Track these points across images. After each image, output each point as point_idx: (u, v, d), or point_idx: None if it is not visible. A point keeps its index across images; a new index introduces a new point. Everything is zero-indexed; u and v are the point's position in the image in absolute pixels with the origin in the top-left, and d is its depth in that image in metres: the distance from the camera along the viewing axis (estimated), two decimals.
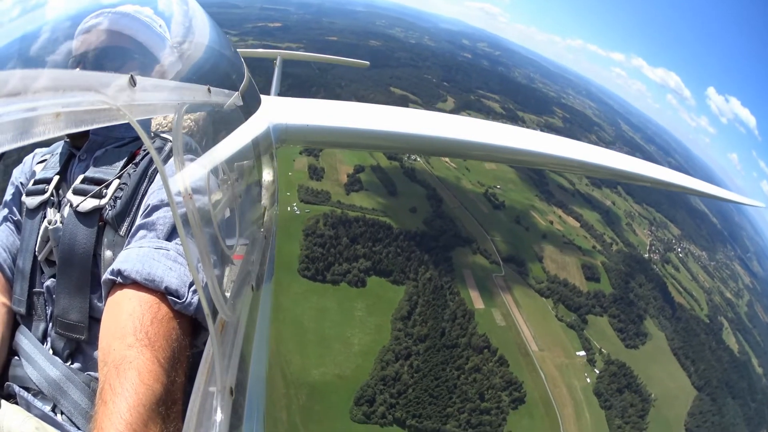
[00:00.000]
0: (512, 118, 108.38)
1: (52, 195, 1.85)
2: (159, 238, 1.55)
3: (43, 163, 2.03)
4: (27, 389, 1.61)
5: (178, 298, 1.40)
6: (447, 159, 75.30)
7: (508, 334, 48.74)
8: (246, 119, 2.70)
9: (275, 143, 4.75)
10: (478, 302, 49.93)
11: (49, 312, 1.75)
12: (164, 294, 1.41)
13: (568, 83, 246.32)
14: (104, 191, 1.71)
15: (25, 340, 1.72)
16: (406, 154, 70.22)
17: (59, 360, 1.64)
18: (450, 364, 42.10)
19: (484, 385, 41.78)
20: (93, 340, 1.63)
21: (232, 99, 2.27)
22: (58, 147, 2.06)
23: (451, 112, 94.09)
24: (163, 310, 1.39)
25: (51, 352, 1.68)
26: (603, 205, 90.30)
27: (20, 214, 1.95)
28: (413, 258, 48.61)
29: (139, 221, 1.65)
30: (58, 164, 1.95)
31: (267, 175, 3.51)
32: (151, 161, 1.78)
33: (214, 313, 1.33)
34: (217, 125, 2.01)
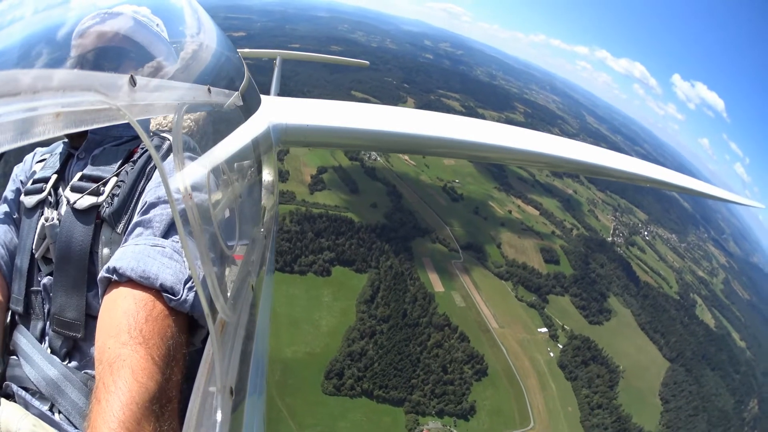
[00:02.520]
0: (472, 115, 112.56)
1: (49, 194, 1.91)
2: (155, 236, 1.59)
3: (43, 163, 2.10)
4: (25, 389, 1.68)
5: (174, 295, 1.43)
6: (406, 157, 79.84)
7: (468, 314, 52.80)
8: (246, 119, 2.79)
9: (275, 143, 4.97)
10: (438, 285, 54.05)
11: (46, 310, 1.81)
12: (159, 291, 1.44)
13: (532, 79, 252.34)
14: (102, 189, 1.77)
15: (23, 339, 1.79)
16: (369, 154, 74.04)
17: (57, 359, 1.72)
18: (413, 340, 46.19)
19: (446, 359, 45.93)
20: (90, 338, 1.69)
21: (232, 99, 2.36)
22: (58, 146, 2.17)
23: None
24: (158, 307, 1.42)
25: (49, 350, 1.75)
26: (564, 193, 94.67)
27: (18, 212, 2.02)
28: (374, 248, 52.66)
29: (136, 219, 1.69)
30: (57, 164, 2.03)
31: (267, 175, 3.59)
32: (148, 159, 1.85)
33: (214, 312, 1.37)
34: (217, 125, 2.05)
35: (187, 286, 1.46)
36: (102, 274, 1.50)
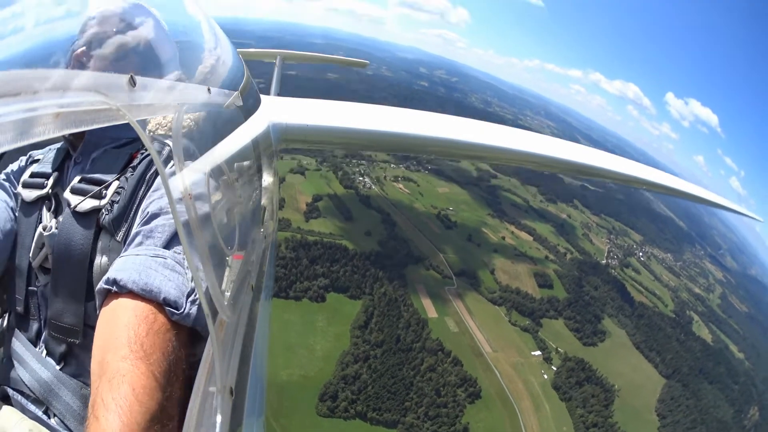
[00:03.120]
0: None
1: (49, 197, 1.92)
2: (156, 246, 1.58)
3: (38, 163, 2.09)
4: (20, 392, 1.70)
5: (176, 309, 1.43)
6: (401, 185, 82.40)
7: (462, 339, 54.00)
8: (246, 119, 2.80)
9: (275, 143, 4.98)
10: (431, 311, 55.36)
11: (43, 314, 1.80)
12: (161, 305, 1.43)
13: (527, 104, 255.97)
14: (104, 192, 1.76)
15: (18, 342, 1.80)
16: (364, 182, 77.39)
17: (51, 363, 1.72)
18: (406, 365, 47.31)
19: (440, 383, 47.03)
20: (87, 347, 1.62)
21: (231, 99, 2.38)
22: (54, 145, 2.17)
23: None
24: (159, 320, 1.41)
25: (44, 353, 1.76)
26: (558, 218, 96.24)
27: (16, 202, 2.00)
28: (368, 275, 54.03)
29: (136, 228, 1.68)
30: (54, 161, 2.04)
31: (267, 175, 3.55)
32: (149, 165, 1.84)
33: (214, 312, 1.37)
34: (217, 125, 2.04)
35: (190, 299, 1.47)
36: (101, 285, 1.49)
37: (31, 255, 1.82)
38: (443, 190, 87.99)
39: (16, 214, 1.97)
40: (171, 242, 1.60)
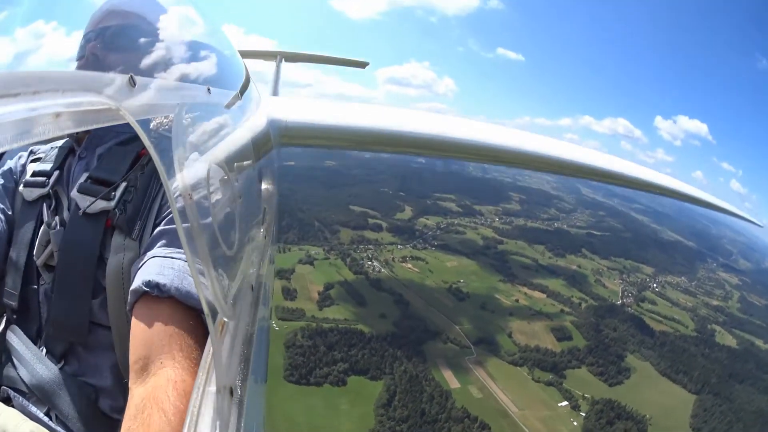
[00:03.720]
0: (470, 214, 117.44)
1: (50, 193, 1.96)
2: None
3: (38, 162, 2.12)
4: (20, 392, 1.73)
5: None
6: (410, 265, 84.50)
7: (487, 403, 54.76)
8: (246, 119, 2.92)
9: (275, 143, 5.11)
10: (453, 382, 56.36)
11: (44, 313, 1.84)
12: (198, 312, 1.52)
13: None
14: (113, 193, 1.79)
15: (17, 340, 1.82)
16: (373, 266, 79.75)
17: (52, 362, 1.75)
18: None
19: None
20: (92, 346, 1.77)
21: (231, 99, 2.51)
22: (56, 142, 2.21)
23: (409, 220, 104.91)
24: (200, 328, 1.51)
25: (45, 352, 1.79)
26: (568, 270, 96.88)
27: (11, 203, 2.04)
28: (387, 356, 55.79)
29: (162, 227, 1.75)
30: (56, 159, 2.07)
31: (267, 174, 3.65)
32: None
33: (214, 312, 1.37)
34: (217, 125, 2.08)
35: None
36: (140, 286, 1.55)
37: (35, 253, 1.85)
38: (452, 264, 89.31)
39: (11, 214, 2.02)
40: None
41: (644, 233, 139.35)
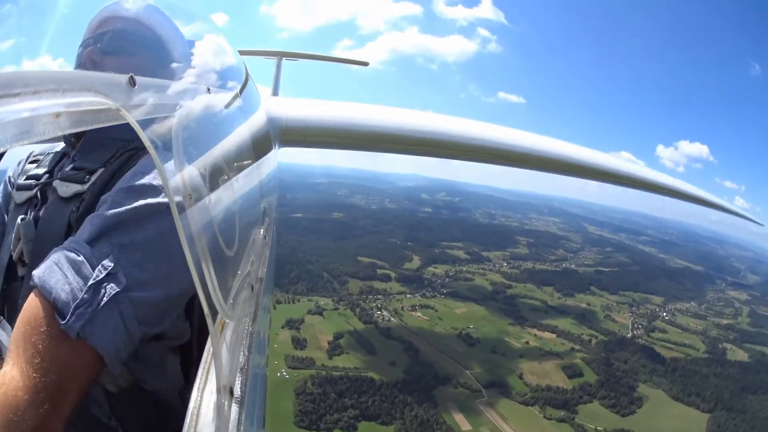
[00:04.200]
0: (478, 260, 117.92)
1: (37, 194, 1.94)
2: (80, 239, 1.48)
3: (36, 163, 2.15)
4: None
5: (62, 317, 1.31)
6: (419, 313, 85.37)
7: None
8: (246, 119, 2.93)
9: (275, 143, 5.12)
10: (464, 425, 57.12)
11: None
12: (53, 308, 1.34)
13: (530, 207, 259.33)
14: (87, 177, 1.79)
15: (5, 335, 1.75)
16: (382, 315, 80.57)
17: None
18: None
19: None
20: None
21: (231, 99, 2.49)
22: (54, 147, 2.23)
23: (417, 270, 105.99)
24: (54, 326, 1.31)
25: None
26: (577, 309, 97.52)
27: (8, 211, 2.05)
28: (397, 402, 56.70)
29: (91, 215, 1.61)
30: (49, 163, 2.10)
31: (267, 175, 3.61)
32: (129, 159, 1.80)
33: (214, 313, 1.35)
34: (216, 125, 2.11)
35: (78, 310, 1.34)
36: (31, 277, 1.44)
37: (12, 246, 1.84)
38: (461, 311, 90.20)
39: (5, 217, 2.07)
40: (99, 238, 1.48)
41: (652, 264, 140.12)
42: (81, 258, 1.43)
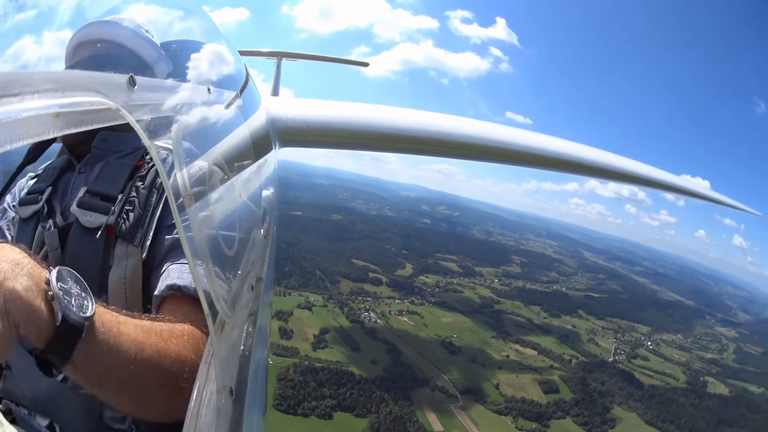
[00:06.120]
0: (470, 275, 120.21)
1: (44, 206, 2.00)
2: None
3: (36, 179, 2.20)
4: (22, 405, 1.76)
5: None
6: (406, 318, 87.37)
7: None
8: (246, 119, 2.93)
9: (275, 143, 5.14)
10: (437, 425, 59.04)
11: None
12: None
13: (528, 228, 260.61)
14: (112, 208, 1.86)
15: (16, 353, 1.70)
16: (370, 316, 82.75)
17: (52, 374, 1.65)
18: None
19: None
20: None
21: (231, 99, 2.50)
22: (52, 163, 2.28)
23: (409, 277, 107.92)
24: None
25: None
26: (562, 330, 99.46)
27: (8, 237, 2.10)
28: (374, 397, 58.83)
29: (174, 236, 1.87)
30: (50, 177, 2.14)
31: (267, 175, 3.68)
32: (157, 173, 1.94)
33: (214, 312, 1.40)
34: (217, 125, 2.13)
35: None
36: (162, 290, 1.73)
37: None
38: (447, 320, 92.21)
39: (12, 235, 2.13)
40: None
41: (643, 294, 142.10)
42: None
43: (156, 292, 1.74)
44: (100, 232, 1.83)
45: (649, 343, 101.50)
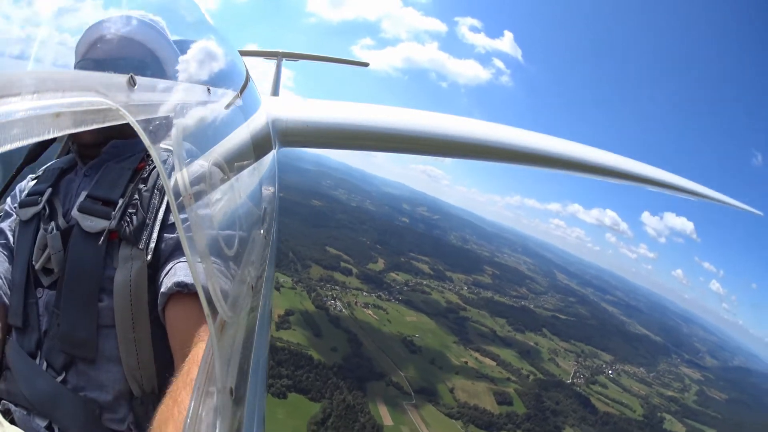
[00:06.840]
0: (440, 278, 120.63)
1: (44, 207, 2.00)
2: None
3: (35, 182, 2.18)
4: (21, 406, 1.79)
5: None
6: (371, 311, 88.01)
7: None
8: (246, 119, 2.95)
9: (275, 143, 5.19)
10: (387, 419, 59.56)
11: (44, 325, 1.88)
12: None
13: (505, 242, 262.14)
14: (113, 214, 1.86)
15: (15, 354, 1.86)
16: (335, 305, 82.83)
17: (53, 375, 1.80)
18: None
19: None
20: (99, 361, 1.81)
21: (231, 99, 2.53)
22: (52, 164, 2.26)
23: (380, 272, 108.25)
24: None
25: (45, 365, 1.83)
26: (524, 345, 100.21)
27: (11, 239, 2.10)
28: (330, 384, 59.10)
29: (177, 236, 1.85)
30: (50, 178, 2.12)
31: (267, 175, 3.69)
32: (158, 176, 1.95)
33: (214, 312, 1.40)
34: (217, 125, 2.13)
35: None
36: (169, 287, 1.75)
37: (34, 258, 1.93)
38: (411, 319, 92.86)
39: (14, 236, 2.12)
40: None
41: (611, 323, 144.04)
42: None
43: (163, 289, 1.78)
44: (102, 238, 1.85)
45: (610, 372, 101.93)
